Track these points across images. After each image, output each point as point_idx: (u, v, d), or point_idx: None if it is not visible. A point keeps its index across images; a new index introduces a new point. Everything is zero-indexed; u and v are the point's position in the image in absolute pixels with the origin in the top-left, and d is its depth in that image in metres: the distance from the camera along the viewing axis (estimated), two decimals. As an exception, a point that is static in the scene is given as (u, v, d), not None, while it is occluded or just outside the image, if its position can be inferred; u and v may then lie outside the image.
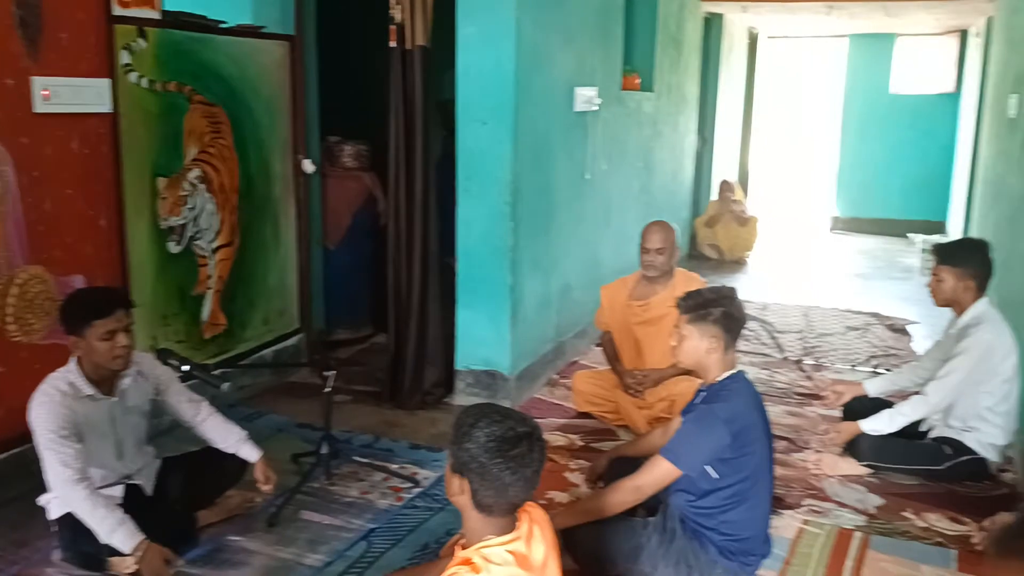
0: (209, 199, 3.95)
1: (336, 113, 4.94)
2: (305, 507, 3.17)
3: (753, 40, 10.38)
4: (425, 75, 4.05)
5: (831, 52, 11.70)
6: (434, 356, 4.31)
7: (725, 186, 8.54)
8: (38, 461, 2.60)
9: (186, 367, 2.88)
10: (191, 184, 3.83)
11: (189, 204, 3.83)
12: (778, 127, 13.74)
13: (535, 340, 4.49)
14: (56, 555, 2.76)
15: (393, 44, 4.02)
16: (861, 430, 3.53)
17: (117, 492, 2.79)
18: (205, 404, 3.02)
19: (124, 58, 3.41)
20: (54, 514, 2.71)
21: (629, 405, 3.96)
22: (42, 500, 2.75)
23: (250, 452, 3.01)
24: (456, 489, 1.81)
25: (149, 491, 2.92)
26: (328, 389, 3.29)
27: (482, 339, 4.18)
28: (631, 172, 6.03)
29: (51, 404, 2.59)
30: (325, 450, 3.36)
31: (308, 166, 4.54)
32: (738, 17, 9.28)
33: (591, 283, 4.92)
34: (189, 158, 3.81)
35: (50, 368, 2.72)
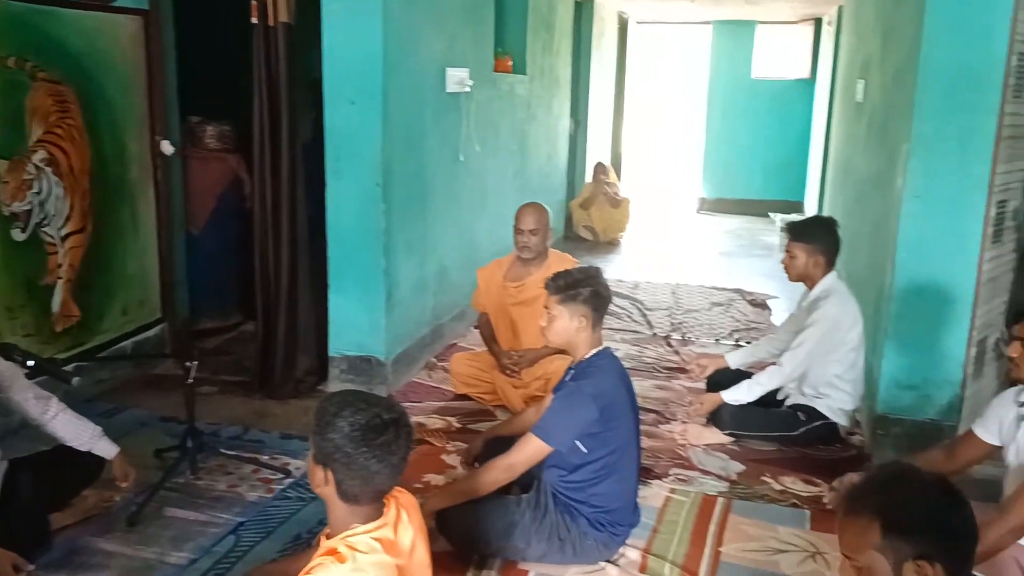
0: (57, 183, 3.71)
1: (199, 93, 4.73)
2: (169, 504, 3.04)
3: (623, 25, 10.59)
4: (289, 53, 3.93)
5: (697, 38, 12.11)
6: (306, 343, 4.21)
7: (599, 168, 8.72)
8: None
9: (31, 362, 2.70)
10: (36, 167, 3.58)
11: (35, 188, 3.58)
12: (648, 111, 14.16)
13: (411, 323, 4.46)
14: None
15: (255, 20, 3.88)
16: (723, 400, 3.69)
17: (-42, 497, 2.60)
18: (54, 401, 2.84)
19: (-46, 30, 3.15)
20: None
21: (506, 385, 4.00)
22: None
23: (106, 448, 2.87)
24: (320, 480, 1.77)
25: (-5, 495, 2.73)
26: (190, 380, 3.16)
27: (356, 324, 4.11)
28: (506, 155, 6.05)
29: None
30: (190, 444, 3.23)
31: (166, 147, 4.33)
32: (608, 1, 9.46)
33: (468, 265, 4.93)
34: (33, 139, 3.56)
35: None
